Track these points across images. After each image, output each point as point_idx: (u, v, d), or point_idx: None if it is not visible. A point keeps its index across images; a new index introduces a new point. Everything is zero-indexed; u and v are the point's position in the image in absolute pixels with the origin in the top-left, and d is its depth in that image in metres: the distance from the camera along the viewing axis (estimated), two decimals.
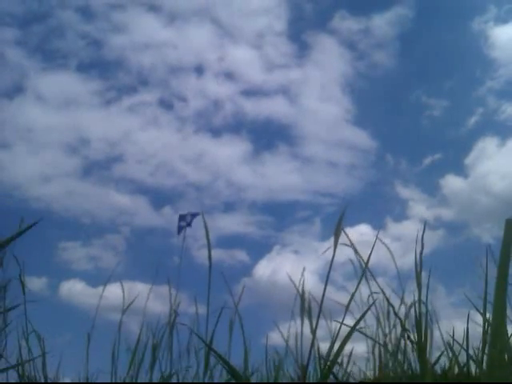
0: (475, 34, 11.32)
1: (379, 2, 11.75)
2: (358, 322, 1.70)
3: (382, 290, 1.93)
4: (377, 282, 1.91)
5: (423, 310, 1.84)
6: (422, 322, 1.74)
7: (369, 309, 2.05)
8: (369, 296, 2.27)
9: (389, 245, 2.47)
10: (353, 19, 11.62)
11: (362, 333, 2.11)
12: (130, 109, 11.38)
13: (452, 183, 10.27)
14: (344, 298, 2.01)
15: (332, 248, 1.69)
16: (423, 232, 1.85)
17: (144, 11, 11.50)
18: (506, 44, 10.98)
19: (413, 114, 11.62)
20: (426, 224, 1.87)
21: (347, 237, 1.93)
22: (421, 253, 1.83)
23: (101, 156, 11.02)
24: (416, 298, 2.11)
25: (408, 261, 2.62)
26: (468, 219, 9.17)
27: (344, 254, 2.41)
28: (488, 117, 10.93)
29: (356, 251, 1.96)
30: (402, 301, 2.27)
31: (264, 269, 5.18)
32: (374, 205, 9.73)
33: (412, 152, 10.89)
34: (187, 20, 11.63)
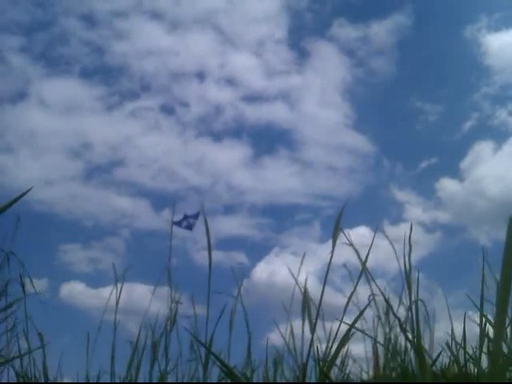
0: (469, 42, 11.43)
1: (377, 10, 11.85)
2: (355, 321, 1.72)
3: (381, 290, 1.95)
4: (375, 283, 1.93)
5: (418, 310, 1.86)
6: (419, 322, 1.75)
7: (366, 308, 2.07)
8: (369, 297, 2.29)
9: (387, 247, 2.49)
10: (351, 27, 11.71)
11: (359, 330, 2.12)
12: (132, 114, 11.43)
13: (448, 186, 10.33)
14: (343, 300, 2.03)
15: (331, 248, 1.70)
16: (410, 233, 1.89)
17: (147, 19, 11.56)
18: (499, 51, 11.09)
19: (410, 119, 11.70)
20: (414, 227, 1.90)
21: (346, 237, 1.95)
22: (409, 254, 1.87)
23: (103, 160, 11.07)
24: (413, 299, 2.13)
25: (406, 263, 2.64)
26: (464, 222, 9.21)
27: (342, 255, 2.43)
28: (483, 121, 11.01)
29: (355, 250, 1.98)
30: (401, 300, 2.29)
31: (262, 270, 5.20)
32: (373, 207, 9.76)
33: (408, 156, 10.96)
34: (189, 27, 11.70)
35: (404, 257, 1.91)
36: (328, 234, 1.87)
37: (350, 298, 1.74)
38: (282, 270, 2.67)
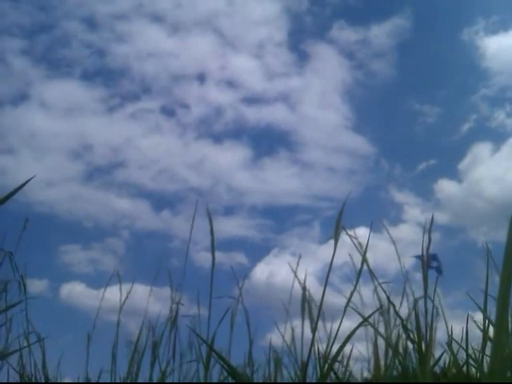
0: (467, 45, 11.49)
1: (377, 13, 11.89)
2: (370, 315, 1.72)
3: (383, 288, 1.95)
4: (377, 280, 1.93)
5: (424, 308, 1.86)
6: (423, 321, 1.76)
7: (378, 310, 2.06)
8: (374, 289, 2.27)
9: (386, 248, 2.49)
10: (351, 29, 11.76)
11: (369, 323, 2.11)
12: (132, 115, 11.45)
13: (446, 188, 10.37)
14: (342, 300, 2.02)
15: (333, 244, 1.70)
16: (430, 226, 1.87)
17: (147, 21, 11.59)
18: (497, 53, 11.16)
19: (409, 121, 11.74)
20: (433, 217, 1.89)
21: (348, 234, 1.95)
22: (428, 247, 1.86)
23: (103, 161, 11.09)
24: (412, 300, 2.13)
25: (406, 263, 2.64)
26: (463, 223, 9.24)
27: (342, 256, 2.43)
28: (481, 123, 11.06)
29: (356, 246, 1.98)
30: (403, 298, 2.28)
31: (262, 271, 5.19)
32: (372, 209, 9.78)
33: (407, 157, 11.00)
34: (190, 30, 11.72)
35: (422, 248, 1.89)
36: (328, 234, 1.87)
37: (351, 296, 1.75)
38: (282, 271, 2.67)
